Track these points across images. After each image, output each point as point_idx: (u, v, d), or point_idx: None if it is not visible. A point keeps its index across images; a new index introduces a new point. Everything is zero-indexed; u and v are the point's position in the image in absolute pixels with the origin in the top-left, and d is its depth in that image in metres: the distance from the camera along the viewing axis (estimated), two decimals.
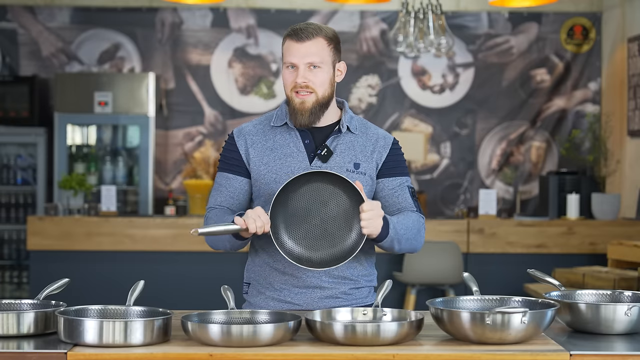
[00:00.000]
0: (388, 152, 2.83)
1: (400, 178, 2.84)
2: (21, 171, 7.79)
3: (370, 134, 2.85)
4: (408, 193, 2.84)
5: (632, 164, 7.31)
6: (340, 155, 2.79)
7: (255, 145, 2.82)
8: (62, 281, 2.61)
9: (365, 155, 2.81)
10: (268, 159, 2.79)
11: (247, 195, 2.84)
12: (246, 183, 2.83)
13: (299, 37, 2.75)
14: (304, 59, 2.74)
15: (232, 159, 2.84)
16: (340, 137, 2.81)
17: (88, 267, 6.51)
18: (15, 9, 7.87)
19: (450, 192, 8.05)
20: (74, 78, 7.58)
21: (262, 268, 2.83)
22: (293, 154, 2.78)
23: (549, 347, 2.30)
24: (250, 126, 2.87)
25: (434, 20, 6.84)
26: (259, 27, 7.95)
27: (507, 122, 8.02)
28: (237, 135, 2.85)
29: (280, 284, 2.80)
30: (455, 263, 6.35)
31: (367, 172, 2.80)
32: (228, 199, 2.82)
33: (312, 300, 2.78)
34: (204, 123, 7.96)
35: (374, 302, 2.84)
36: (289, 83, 2.77)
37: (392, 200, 2.82)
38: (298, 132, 2.80)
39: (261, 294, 2.83)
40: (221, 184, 2.85)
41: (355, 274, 2.82)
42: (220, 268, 6.29)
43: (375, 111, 8.00)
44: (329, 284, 2.78)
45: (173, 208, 7.00)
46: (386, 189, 2.82)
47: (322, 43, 2.77)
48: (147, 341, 2.29)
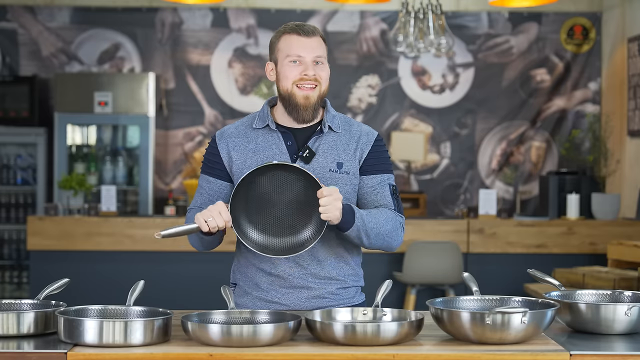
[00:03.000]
0: (370, 149, 2.81)
1: (381, 175, 2.81)
2: (21, 171, 7.79)
3: (353, 132, 2.83)
4: (388, 191, 2.81)
5: (632, 164, 7.31)
6: (322, 155, 2.78)
7: (237, 147, 2.81)
8: (62, 281, 2.60)
9: (348, 154, 2.79)
10: (251, 161, 2.78)
11: (227, 198, 2.84)
12: (225, 187, 2.83)
13: (304, 32, 2.75)
14: (311, 53, 2.75)
15: (213, 162, 2.84)
16: (323, 137, 2.80)
17: (88, 267, 6.51)
18: (15, 9, 7.87)
19: (450, 192, 8.05)
20: (74, 78, 7.58)
21: (248, 269, 2.82)
22: (276, 155, 2.77)
23: (549, 347, 2.30)
24: (232, 128, 2.86)
25: (434, 20, 6.84)
26: (259, 27, 7.95)
27: (507, 122, 8.02)
28: (219, 138, 2.84)
29: (266, 284, 2.79)
30: (455, 263, 6.35)
31: (351, 170, 2.79)
32: (207, 201, 2.82)
33: (299, 300, 2.77)
34: (204, 123, 7.96)
35: (362, 302, 2.85)
36: (292, 76, 2.75)
37: (371, 198, 2.80)
38: (280, 134, 2.79)
39: (248, 294, 2.82)
40: (202, 186, 2.86)
41: (342, 274, 2.81)
42: (220, 268, 6.27)
43: (375, 111, 8.01)
44: (315, 284, 2.77)
45: (173, 208, 7.00)
46: (366, 187, 2.81)
47: (322, 41, 2.79)
48: (147, 341, 2.29)
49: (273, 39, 2.82)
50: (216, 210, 2.61)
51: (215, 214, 2.60)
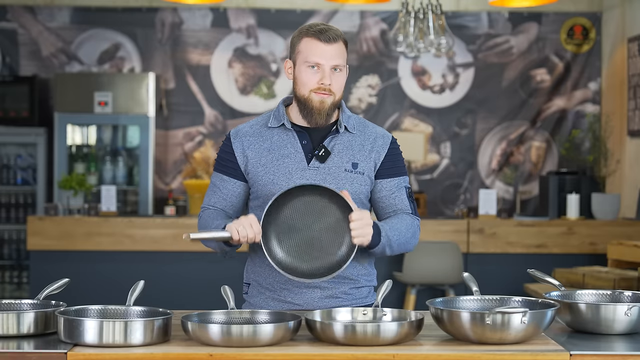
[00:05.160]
0: (386, 152, 2.83)
1: (397, 179, 2.83)
2: (21, 171, 7.79)
3: (368, 133, 2.84)
4: (405, 194, 2.83)
5: (632, 164, 7.31)
6: (338, 155, 2.79)
7: (252, 146, 2.81)
8: (62, 281, 2.60)
9: (363, 154, 2.80)
10: (265, 160, 2.78)
11: (241, 197, 2.84)
12: (240, 186, 2.83)
13: (326, 38, 2.73)
14: (330, 61, 2.74)
15: (228, 161, 2.84)
16: (338, 137, 2.81)
17: (88, 267, 6.51)
18: (15, 9, 7.87)
19: (450, 192, 8.05)
20: (74, 78, 7.58)
21: (262, 268, 2.82)
22: (291, 154, 2.77)
23: (549, 347, 2.30)
24: (247, 127, 2.86)
25: (434, 20, 6.84)
26: (259, 27, 7.95)
27: (507, 122, 8.02)
28: (234, 137, 2.85)
29: (280, 284, 2.79)
30: (455, 263, 6.35)
31: (365, 171, 2.80)
32: (221, 200, 2.83)
33: (312, 300, 2.78)
34: (204, 123, 7.96)
35: (374, 302, 2.85)
36: (311, 83, 2.74)
37: (389, 202, 2.82)
38: (295, 133, 2.80)
39: (261, 294, 2.83)
40: (216, 184, 2.86)
41: (355, 273, 2.82)
42: (220, 268, 6.29)
43: (375, 111, 8.01)
44: (329, 284, 2.78)
45: (173, 208, 7.00)
46: (384, 190, 2.82)
47: (343, 47, 2.78)
48: (147, 341, 2.29)
49: (295, 37, 2.80)
50: (247, 222, 2.61)
51: (246, 225, 2.60)
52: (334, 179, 2.75)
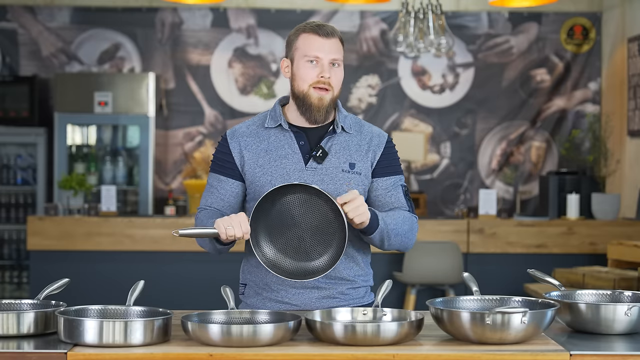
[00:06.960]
0: (382, 151, 2.83)
1: (393, 177, 2.83)
2: (21, 171, 7.79)
3: (364, 133, 2.84)
4: (401, 192, 2.83)
5: (632, 164, 7.31)
6: (335, 155, 2.78)
7: (249, 147, 2.80)
8: (62, 281, 2.60)
9: (360, 154, 2.80)
10: (263, 160, 2.78)
11: (238, 198, 2.83)
12: (237, 186, 2.82)
13: (324, 32, 2.74)
14: (329, 55, 2.74)
15: (224, 162, 2.82)
16: (335, 137, 2.81)
17: (88, 267, 6.51)
18: (15, 9, 7.87)
19: (450, 192, 8.05)
20: (74, 78, 7.58)
21: (258, 269, 2.81)
22: (288, 155, 2.77)
23: (549, 347, 2.30)
24: (244, 127, 2.85)
25: (434, 20, 6.84)
26: (259, 27, 7.95)
27: (507, 122, 8.02)
28: (231, 137, 2.83)
29: (276, 284, 2.78)
30: (455, 263, 6.35)
31: (363, 171, 2.79)
32: (218, 200, 2.82)
33: (309, 300, 2.77)
34: (204, 123, 7.96)
35: (372, 302, 2.85)
36: (309, 78, 2.74)
37: (386, 200, 2.82)
38: (292, 134, 2.79)
39: (258, 294, 2.82)
40: (212, 185, 2.85)
41: (352, 274, 2.82)
42: (220, 268, 6.29)
43: (375, 111, 8.01)
44: (326, 284, 2.78)
45: (173, 208, 7.00)
46: (380, 189, 2.82)
47: (339, 43, 2.78)
48: (147, 341, 2.30)
49: (291, 35, 2.80)
50: (237, 220, 2.59)
51: (235, 224, 2.59)
52: (332, 180, 2.75)
